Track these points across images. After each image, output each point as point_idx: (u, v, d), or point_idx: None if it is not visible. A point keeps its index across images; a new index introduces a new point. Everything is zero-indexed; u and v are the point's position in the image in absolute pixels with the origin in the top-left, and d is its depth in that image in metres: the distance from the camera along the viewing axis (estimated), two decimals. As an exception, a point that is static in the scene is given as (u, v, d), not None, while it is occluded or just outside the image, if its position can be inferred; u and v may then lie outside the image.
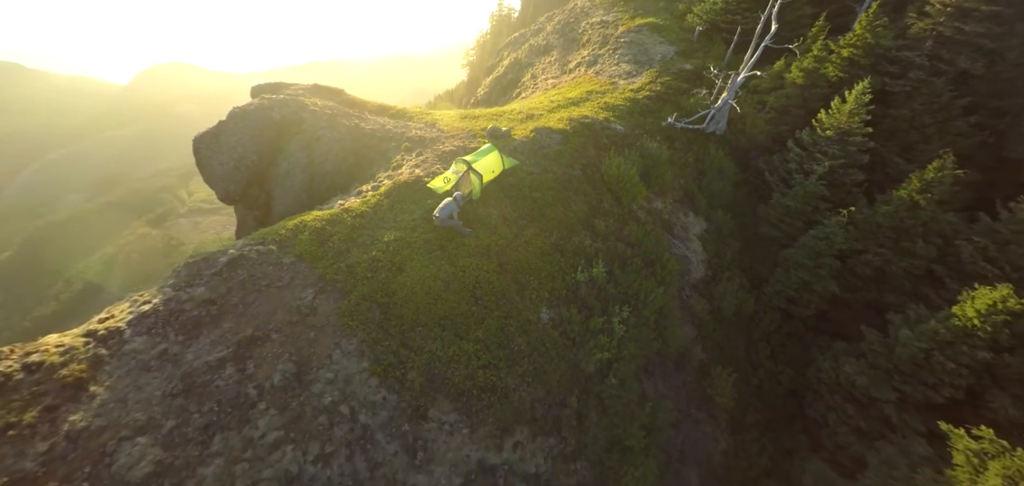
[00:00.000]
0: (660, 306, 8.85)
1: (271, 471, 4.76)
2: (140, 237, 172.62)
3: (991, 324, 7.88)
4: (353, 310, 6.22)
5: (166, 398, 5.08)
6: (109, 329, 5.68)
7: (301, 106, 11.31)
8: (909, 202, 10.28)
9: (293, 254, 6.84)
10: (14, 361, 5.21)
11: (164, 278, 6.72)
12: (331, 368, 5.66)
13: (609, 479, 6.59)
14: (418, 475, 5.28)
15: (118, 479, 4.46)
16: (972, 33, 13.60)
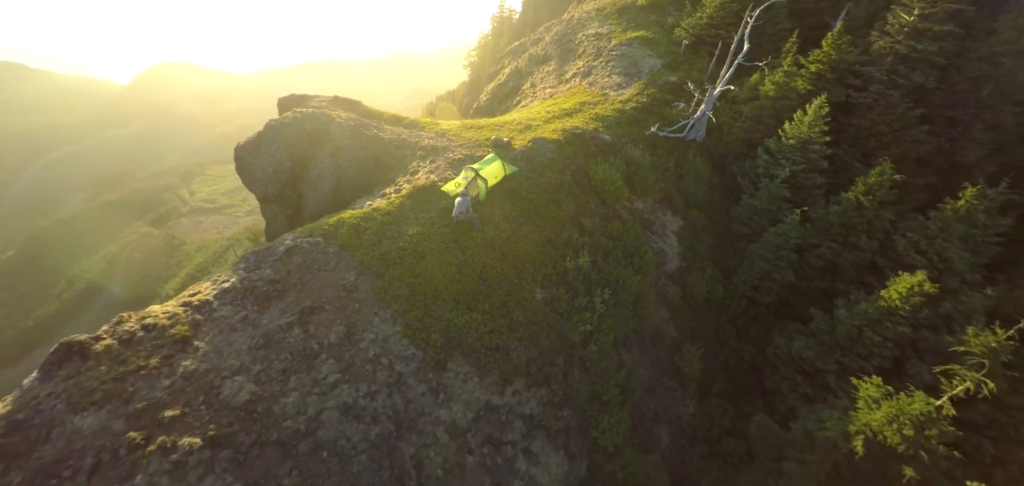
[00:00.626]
0: (637, 291, 10.57)
1: (333, 402, 6.49)
2: (142, 236, 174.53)
3: (910, 304, 9.56)
4: (386, 288, 7.94)
5: (252, 350, 6.81)
6: (201, 301, 7.42)
7: (328, 119, 13.04)
8: (855, 203, 11.97)
9: (336, 244, 8.57)
10: (134, 323, 6.94)
11: (234, 263, 8.44)
12: (372, 330, 7.39)
13: (589, 424, 8.32)
14: (440, 410, 7.00)
15: (225, 404, 6.19)
16: (925, 51, 15.29)
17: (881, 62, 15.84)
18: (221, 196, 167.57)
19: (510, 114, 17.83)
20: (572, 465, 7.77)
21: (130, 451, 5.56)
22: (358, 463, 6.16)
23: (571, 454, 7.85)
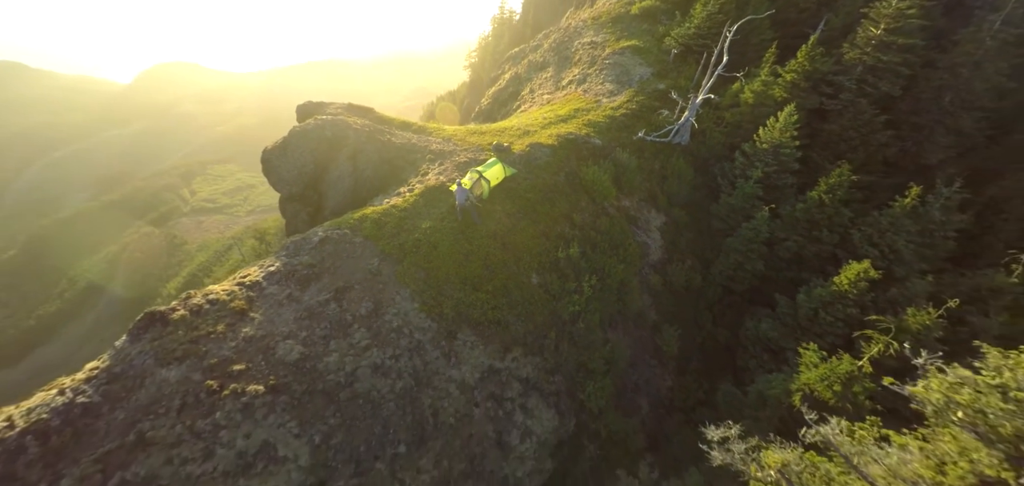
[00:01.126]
0: (621, 279, 12.10)
1: (366, 361, 8.02)
2: (143, 236, 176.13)
3: (857, 289, 11.08)
4: (405, 272, 9.47)
5: (297, 320, 8.35)
6: (251, 281, 8.96)
7: (346, 125, 14.58)
8: (818, 201, 13.48)
9: (361, 235, 10.10)
10: (200, 298, 8.49)
11: (276, 251, 9.98)
12: (395, 306, 8.92)
13: (577, 388, 9.85)
14: (452, 370, 8.54)
15: (280, 361, 7.73)
16: (891, 62, 16.80)
17: (851, 72, 17.35)
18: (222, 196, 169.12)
19: (510, 120, 19.37)
20: (562, 421, 9.30)
21: (209, 395, 7.10)
22: (387, 409, 7.71)
23: (561, 412, 9.39)
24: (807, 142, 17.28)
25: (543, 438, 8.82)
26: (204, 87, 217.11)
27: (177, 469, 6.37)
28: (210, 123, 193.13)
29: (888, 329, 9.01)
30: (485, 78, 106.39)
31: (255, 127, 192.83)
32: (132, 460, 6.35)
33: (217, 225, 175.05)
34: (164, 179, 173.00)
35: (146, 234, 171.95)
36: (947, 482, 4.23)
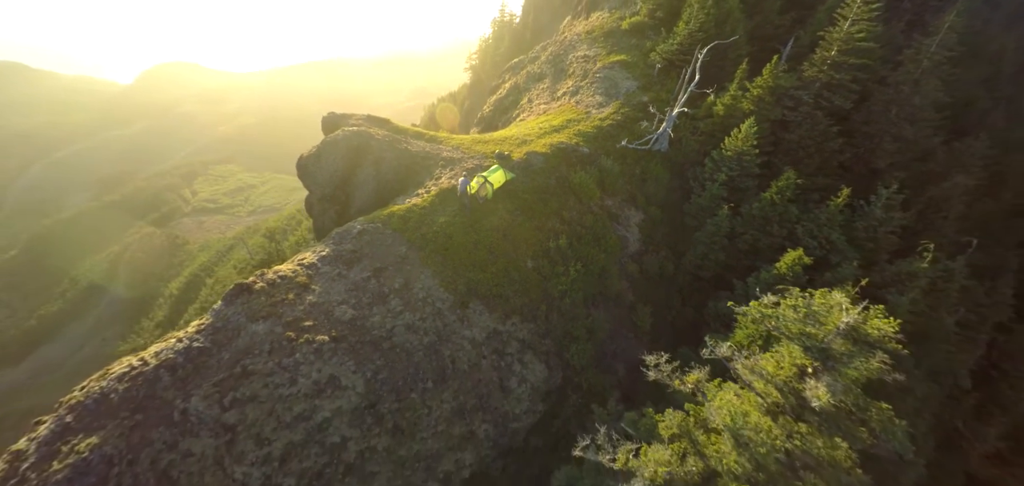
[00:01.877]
0: (602, 266, 14.79)
1: (401, 322, 10.71)
2: (145, 236, 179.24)
3: (793, 272, 13.72)
4: (427, 257, 12.16)
5: (347, 291, 11.05)
6: (309, 262, 11.65)
7: (370, 136, 17.28)
8: (770, 201, 16.14)
9: (391, 228, 12.80)
10: (272, 275, 11.18)
11: (325, 240, 12.65)
12: (420, 282, 11.62)
13: (563, 349, 12.54)
14: (465, 330, 11.22)
15: (338, 320, 10.42)
16: (843, 79, 19.48)
17: (810, 88, 20.04)
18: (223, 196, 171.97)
19: (510, 129, 22.08)
20: (550, 373, 11.99)
21: (289, 342, 9.79)
22: (417, 356, 10.40)
23: (550, 367, 12.08)
24: (771, 149, 20.00)
25: (535, 385, 11.51)
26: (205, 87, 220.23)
27: (272, 391, 9.07)
28: (211, 123, 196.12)
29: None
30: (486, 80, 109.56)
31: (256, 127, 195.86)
32: (239, 384, 9.05)
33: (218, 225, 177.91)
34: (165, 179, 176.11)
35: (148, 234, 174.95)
36: (782, 374, 6.92)
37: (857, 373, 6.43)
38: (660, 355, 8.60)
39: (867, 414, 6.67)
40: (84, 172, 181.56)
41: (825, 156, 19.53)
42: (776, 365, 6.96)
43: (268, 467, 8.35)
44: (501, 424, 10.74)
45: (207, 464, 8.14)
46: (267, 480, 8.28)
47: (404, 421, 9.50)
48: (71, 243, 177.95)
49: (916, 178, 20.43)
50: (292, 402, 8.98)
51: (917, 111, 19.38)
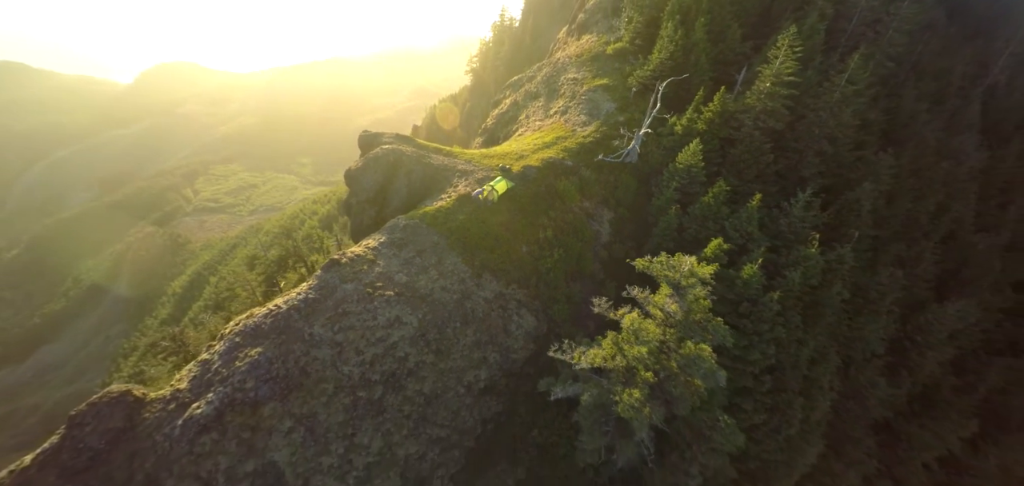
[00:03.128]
0: (579, 252, 20.57)
1: (438, 284, 16.51)
2: (147, 235, 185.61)
3: (715, 255, 19.42)
4: (453, 243, 17.96)
5: (400, 265, 16.86)
6: (372, 246, 17.48)
7: (402, 153, 23.08)
8: (708, 203, 21.83)
9: (425, 224, 18.59)
10: (350, 254, 17.00)
11: (380, 231, 18.44)
12: (449, 260, 17.42)
13: (548, 308, 18.33)
14: (480, 292, 17.01)
15: (397, 282, 16.22)
16: (775, 107, 25.20)
17: (750, 112, 25.82)
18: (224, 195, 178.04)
19: (510, 143, 27.90)
20: (538, 324, 17.78)
21: (368, 295, 15.59)
22: (449, 307, 16.21)
23: (539, 320, 17.88)
24: (719, 160, 25.78)
25: (528, 331, 17.30)
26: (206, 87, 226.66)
27: (362, 323, 14.87)
28: (212, 123, 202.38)
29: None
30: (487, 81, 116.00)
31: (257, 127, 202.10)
32: (342, 319, 14.84)
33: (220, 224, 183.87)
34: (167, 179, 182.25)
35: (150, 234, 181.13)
36: (659, 301, 12.69)
37: (693, 296, 12.15)
38: (602, 298, 14.38)
39: (711, 323, 12.44)
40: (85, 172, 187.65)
41: (761, 167, 25.28)
42: (659, 297, 12.65)
43: (362, 368, 14.14)
44: (505, 354, 16.52)
45: (327, 363, 13.95)
46: (362, 375, 14.08)
47: (442, 346, 15.30)
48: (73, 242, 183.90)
49: (835, 185, 26.23)
50: (374, 330, 14.77)
51: (836, 130, 25.16)
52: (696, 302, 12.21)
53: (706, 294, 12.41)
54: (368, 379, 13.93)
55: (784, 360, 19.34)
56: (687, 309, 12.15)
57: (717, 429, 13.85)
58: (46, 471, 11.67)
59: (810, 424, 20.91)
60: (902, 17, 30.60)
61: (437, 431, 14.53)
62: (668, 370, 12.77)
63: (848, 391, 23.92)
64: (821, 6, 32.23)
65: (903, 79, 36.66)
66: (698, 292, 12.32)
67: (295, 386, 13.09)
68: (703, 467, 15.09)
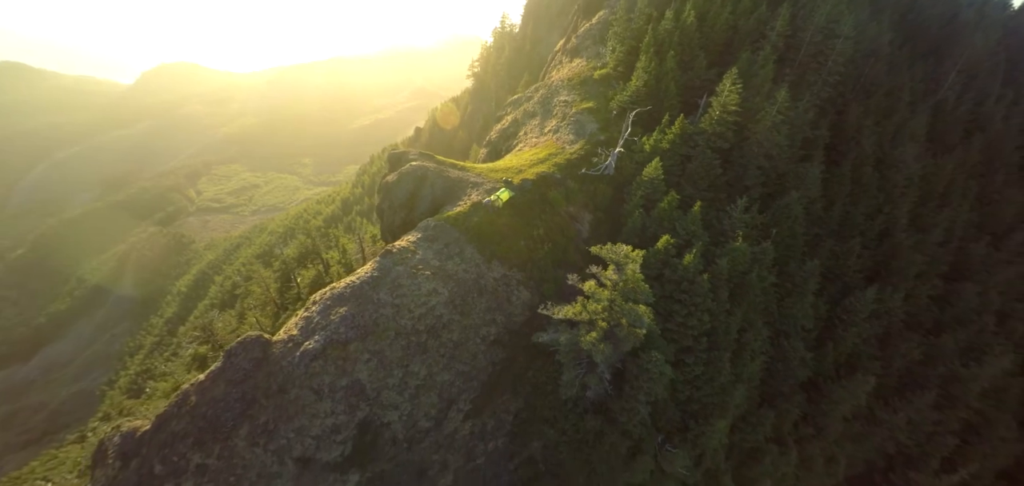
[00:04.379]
0: (564, 246, 28.15)
1: (461, 268, 24.09)
2: (151, 235, 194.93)
3: (664, 248, 26.84)
4: (470, 239, 25.55)
5: (433, 255, 24.48)
6: (412, 241, 25.10)
7: (427, 169, 30.62)
8: (663, 209, 29.27)
9: (449, 224, 26.20)
10: (397, 247, 24.62)
11: (415, 229, 26.06)
12: (468, 251, 25.01)
13: (541, 286, 25.92)
14: (489, 272, 24.58)
15: (432, 265, 23.81)
16: (723, 130, 32.68)
17: (704, 134, 33.35)
18: (227, 196, 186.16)
19: (511, 158, 35.47)
20: (532, 298, 25.37)
21: (414, 274, 23.19)
22: (468, 284, 23.85)
23: (533, 294, 25.47)
24: (680, 172, 33.31)
25: (525, 301, 24.89)
26: (207, 87, 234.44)
27: (412, 292, 22.47)
28: (214, 124, 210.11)
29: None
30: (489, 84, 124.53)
31: (258, 128, 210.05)
32: (398, 289, 22.43)
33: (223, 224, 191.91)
34: (170, 179, 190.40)
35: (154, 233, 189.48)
36: (609, 274, 20.27)
37: (629, 271, 19.61)
38: (573, 273, 21.91)
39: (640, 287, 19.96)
40: (88, 172, 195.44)
41: (712, 178, 32.82)
42: (608, 271, 20.15)
43: (413, 321, 21.70)
44: (508, 317, 24.09)
45: (390, 318, 21.52)
46: (412, 326, 21.63)
47: (465, 309, 22.87)
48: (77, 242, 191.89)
49: (773, 192, 33.77)
50: (419, 297, 22.35)
51: (771, 149, 32.70)
52: (632, 274, 19.67)
53: (639, 270, 19.88)
54: (417, 329, 21.49)
55: (717, 327, 26.83)
56: (624, 279, 19.62)
57: (652, 364, 21.36)
58: (217, 382, 19.25)
59: (742, 378, 28.35)
60: (838, 50, 38.11)
61: (462, 367, 22.10)
62: (615, 319, 20.29)
63: (778, 356, 31.40)
64: (773, 40, 39.79)
65: (849, 98, 44.27)
66: (632, 267, 19.77)
67: (370, 332, 20.66)
68: (647, 393, 22.60)
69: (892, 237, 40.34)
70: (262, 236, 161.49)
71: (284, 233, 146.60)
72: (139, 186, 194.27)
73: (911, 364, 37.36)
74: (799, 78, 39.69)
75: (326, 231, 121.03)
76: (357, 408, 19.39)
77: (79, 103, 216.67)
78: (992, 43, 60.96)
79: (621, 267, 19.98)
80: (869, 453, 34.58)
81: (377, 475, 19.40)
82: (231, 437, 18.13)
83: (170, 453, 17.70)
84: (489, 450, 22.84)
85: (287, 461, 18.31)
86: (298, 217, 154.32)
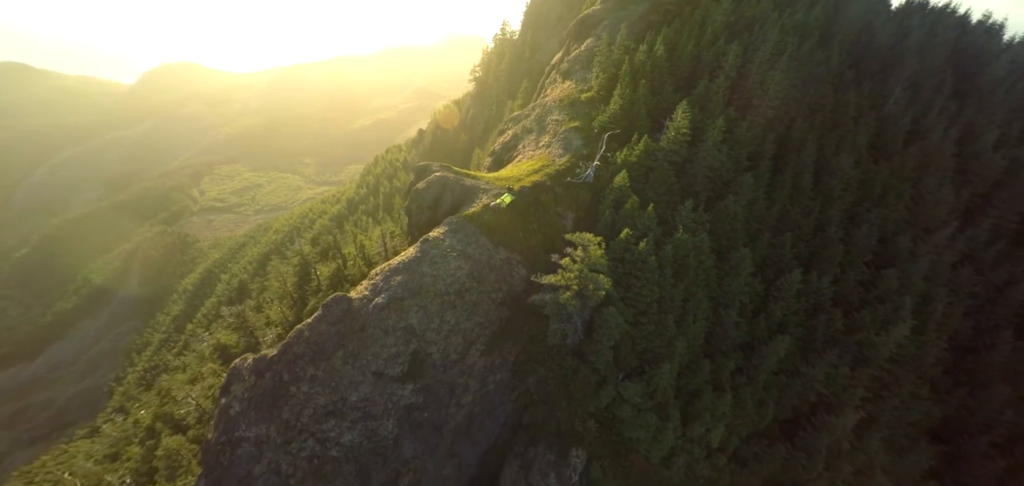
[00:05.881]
0: (552, 236, 39.84)
1: (477, 252, 35.79)
2: (157, 234, 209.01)
3: (626, 239, 38.28)
4: (482, 231, 37.25)
5: (458, 242, 36.20)
6: (442, 232, 36.84)
7: (447, 178, 42.29)
8: (627, 210, 40.70)
9: (466, 220, 37.91)
10: (431, 237, 36.34)
11: (443, 224, 37.78)
12: (481, 241, 36.71)
13: (534, 265, 37.60)
14: (497, 255, 36.26)
15: (457, 250, 35.53)
16: (677, 148, 44.22)
17: (663, 151, 44.97)
18: (230, 195, 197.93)
19: (511, 168, 47.16)
20: (528, 274, 37.07)
21: (445, 256, 34.88)
22: (482, 262, 35.60)
23: (528, 271, 37.19)
24: (644, 181, 44.95)
25: (522, 276, 36.63)
26: (208, 88, 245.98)
27: (444, 266, 34.16)
28: (215, 124, 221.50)
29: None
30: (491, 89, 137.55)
31: (260, 128, 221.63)
32: (433, 265, 34.12)
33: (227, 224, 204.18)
34: (172, 179, 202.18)
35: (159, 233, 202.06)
36: (578, 253, 31.98)
37: (592, 250, 31.10)
38: (557, 254, 33.51)
39: (600, 262, 31.54)
40: (90, 172, 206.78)
41: (669, 186, 44.41)
42: (577, 251, 31.64)
43: (445, 286, 33.39)
44: (510, 286, 35.76)
45: (429, 283, 33.29)
46: (445, 289, 33.32)
47: (480, 280, 34.52)
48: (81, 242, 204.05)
49: (717, 196, 45.35)
50: (449, 271, 34.06)
51: (714, 162, 44.36)
52: (593, 253, 31.19)
53: (602, 252, 31.42)
54: (448, 292, 33.14)
55: (664, 296, 38.38)
56: (589, 256, 31.16)
57: (610, 317, 32.92)
58: (320, 322, 30.91)
59: (685, 335, 39.81)
60: (776, 80, 49.71)
61: (479, 319, 33.74)
62: (583, 284, 31.86)
63: (717, 322, 42.92)
64: (726, 70, 51.47)
65: (795, 115, 55.90)
66: (593, 249, 31.24)
67: (417, 292, 32.32)
68: (608, 339, 34.15)
69: (824, 231, 52.04)
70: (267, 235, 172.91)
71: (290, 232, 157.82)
72: (142, 186, 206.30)
73: (834, 332, 48.92)
74: (746, 102, 51.38)
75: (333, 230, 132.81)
76: (410, 342, 31.04)
77: (81, 103, 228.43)
78: (939, 61, 73.00)
79: (586, 248, 31.58)
80: (794, 401, 45.96)
81: (422, 387, 31.05)
82: (331, 358, 29.79)
83: (293, 367, 29.36)
84: (497, 380, 34.46)
85: (367, 374, 29.96)
86: (303, 216, 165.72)
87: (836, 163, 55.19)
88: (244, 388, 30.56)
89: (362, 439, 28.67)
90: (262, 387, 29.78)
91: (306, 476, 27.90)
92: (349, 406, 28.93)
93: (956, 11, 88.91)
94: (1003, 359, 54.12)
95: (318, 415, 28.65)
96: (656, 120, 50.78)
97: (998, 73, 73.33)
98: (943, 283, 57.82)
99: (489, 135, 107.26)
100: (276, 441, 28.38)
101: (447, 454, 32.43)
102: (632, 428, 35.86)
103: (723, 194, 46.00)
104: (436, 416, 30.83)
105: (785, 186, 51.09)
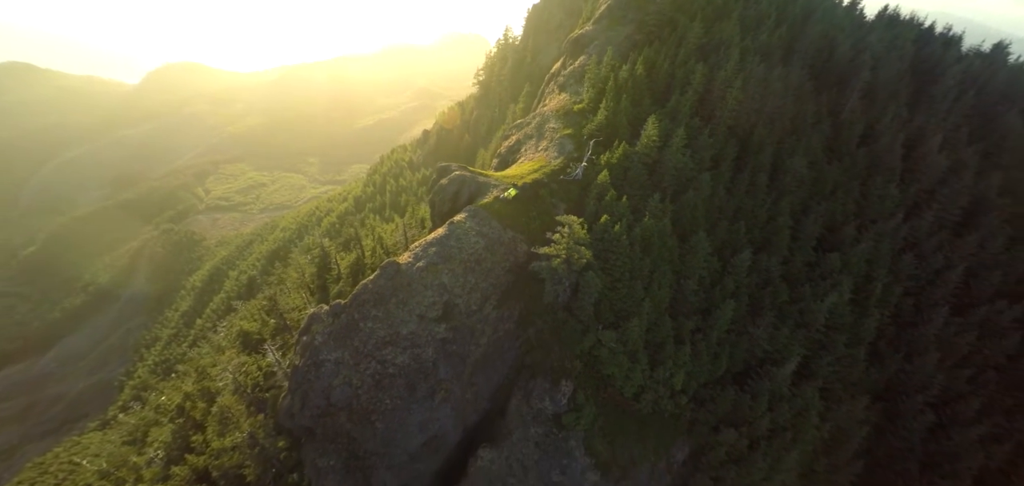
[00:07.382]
0: (548, 221, 54.66)
1: (491, 232, 50.64)
2: (163, 233, 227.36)
3: (608, 223, 52.80)
4: (494, 216, 52.04)
5: (476, 224, 51.03)
6: (464, 216, 51.75)
7: (464, 177, 57.13)
8: (607, 201, 55.18)
9: (482, 208, 52.73)
10: (456, 220, 51.25)
11: (464, 210, 52.71)
12: (493, 223, 51.50)
13: (533, 243, 52.44)
14: (505, 234, 51.05)
15: (476, 230, 50.38)
16: (649, 151, 58.85)
17: (638, 154, 59.72)
18: (235, 194, 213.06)
19: (515, 168, 62.06)
20: (528, 247, 51.94)
21: (467, 233, 49.74)
22: (493, 239, 50.47)
23: (529, 246, 52.04)
24: (623, 178, 59.77)
25: (525, 249, 51.50)
26: (212, 87, 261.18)
27: (467, 241, 49.03)
28: (219, 123, 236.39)
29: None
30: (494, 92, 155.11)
31: (263, 127, 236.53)
32: (459, 240, 48.97)
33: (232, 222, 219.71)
34: (178, 178, 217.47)
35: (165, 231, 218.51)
36: (564, 231, 46.84)
37: (575, 228, 45.66)
38: (551, 232, 48.24)
39: (582, 236, 46.23)
40: (96, 171, 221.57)
41: (642, 183, 59.10)
42: (564, 228, 46.26)
43: (468, 255, 48.20)
44: (515, 258, 50.50)
45: (456, 253, 48.15)
46: (468, 258, 48.12)
47: (493, 251, 49.34)
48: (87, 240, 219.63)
49: (681, 191, 60.07)
50: (470, 244, 48.85)
51: (678, 164, 59.19)
52: (577, 230, 45.75)
53: (583, 230, 45.96)
54: (469, 260, 47.91)
55: (634, 268, 52.98)
56: (573, 233, 45.74)
57: (590, 280, 47.61)
58: (379, 279, 45.82)
59: (651, 298, 54.29)
60: (733, 96, 64.49)
61: (493, 280, 48.51)
62: (570, 254, 46.55)
63: (679, 290, 57.47)
64: (695, 86, 66.35)
65: (755, 123, 70.65)
66: (576, 228, 45.77)
67: (448, 259, 47.14)
68: (589, 298, 48.77)
69: (775, 220, 66.78)
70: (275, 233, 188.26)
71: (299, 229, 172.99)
72: (148, 185, 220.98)
73: (780, 302, 63.50)
74: (710, 113, 66.22)
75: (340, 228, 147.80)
76: (443, 294, 45.80)
77: (86, 103, 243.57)
78: (895, 72, 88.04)
79: (571, 227, 46.28)
80: (744, 355, 60.41)
81: (452, 327, 45.77)
82: (387, 303, 44.57)
83: (362, 308, 44.15)
84: (506, 328, 49.17)
85: (413, 315, 44.70)
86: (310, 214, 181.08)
87: (790, 164, 69.91)
88: (324, 327, 45.31)
89: (410, 361, 43.37)
90: (339, 324, 44.54)
91: (371, 387, 42.58)
92: (401, 338, 43.65)
93: (921, 24, 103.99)
94: (936, 332, 68.71)
95: (379, 344, 43.35)
96: (635, 129, 65.51)
97: (949, 83, 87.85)
98: (885, 267, 72.51)
99: (492, 136, 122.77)
100: (350, 362, 43.11)
101: (469, 382, 47.15)
102: (608, 366, 50.49)
103: (686, 189, 60.65)
104: (462, 349, 45.57)
105: (743, 183, 65.85)
